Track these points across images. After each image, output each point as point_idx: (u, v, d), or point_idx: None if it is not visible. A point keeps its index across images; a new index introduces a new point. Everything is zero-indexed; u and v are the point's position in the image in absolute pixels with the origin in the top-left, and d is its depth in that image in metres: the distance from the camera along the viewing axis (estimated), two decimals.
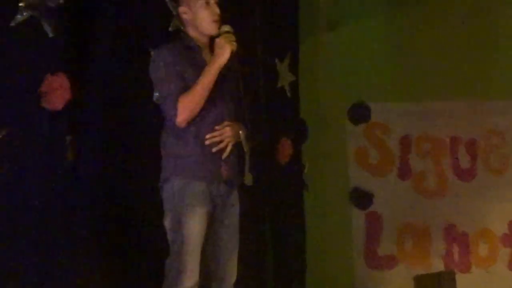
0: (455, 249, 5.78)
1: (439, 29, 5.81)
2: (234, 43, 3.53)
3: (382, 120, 5.84)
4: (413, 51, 5.80)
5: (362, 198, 5.80)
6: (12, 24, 3.69)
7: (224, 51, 3.50)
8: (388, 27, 5.86)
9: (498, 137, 5.85)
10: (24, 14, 3.71)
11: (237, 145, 3.58)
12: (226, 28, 3.57)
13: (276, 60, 5.06)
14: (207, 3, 3.58)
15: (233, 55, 3.52)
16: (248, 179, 3.61)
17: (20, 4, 3.69)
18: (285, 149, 5.09)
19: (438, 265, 5.73)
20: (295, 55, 5.32)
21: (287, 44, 5.29)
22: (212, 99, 3.49)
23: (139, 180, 4.00)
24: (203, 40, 3.62)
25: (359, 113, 5.83)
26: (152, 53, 3.77)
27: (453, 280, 5.42)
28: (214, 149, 3.48)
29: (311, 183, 5.39)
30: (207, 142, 3.48)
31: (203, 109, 3.47)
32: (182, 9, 3.62)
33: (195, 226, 3.42)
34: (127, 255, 3.95)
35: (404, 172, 5.82)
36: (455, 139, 5.83)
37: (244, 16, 4.65)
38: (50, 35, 3.77)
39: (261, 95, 4.82)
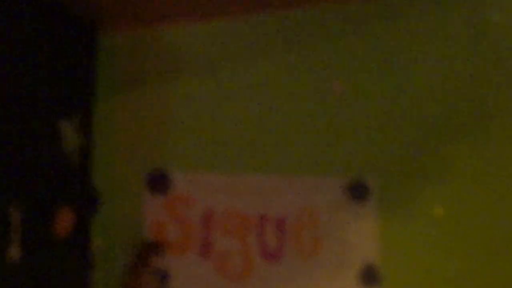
0: None
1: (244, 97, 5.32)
2: None
3: (183, 191, 5.24)
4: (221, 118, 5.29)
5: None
6: None
7: None
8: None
9: (309, 216, 5.20)
10: None
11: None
12: None
13: (62, 121, 4.59)
14: None
15: None
16: (15, 254, 3.32)
17: None
18: (66, 219, 4.55)
19: None
20: (87, 116, 4.86)
21: (78, 103, 4.81)
22: None
23: None
24: None
25: (158, 183, 5.24)
26: None
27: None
28: None
29: (99, 261, 4.88)
30: None
31: None
32: None
33: None
34: None
35: (206, 251, 5.22)
36: (263, 216, 5.21)
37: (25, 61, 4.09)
38: None
39: (39, 158, 4.33)
